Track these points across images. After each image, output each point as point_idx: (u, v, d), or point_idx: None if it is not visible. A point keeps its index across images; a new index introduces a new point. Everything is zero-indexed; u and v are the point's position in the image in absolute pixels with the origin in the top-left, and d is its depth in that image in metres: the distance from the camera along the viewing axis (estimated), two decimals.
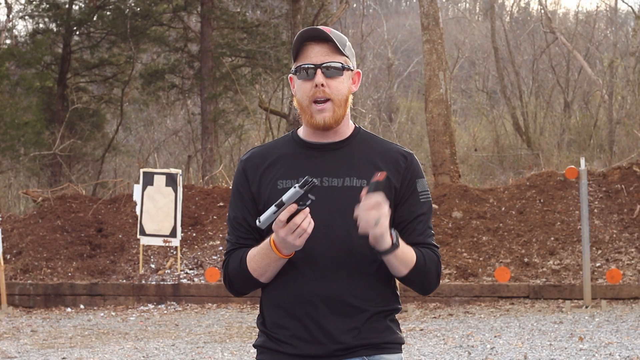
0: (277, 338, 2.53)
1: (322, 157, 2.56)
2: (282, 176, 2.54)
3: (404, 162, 2.56)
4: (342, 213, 2.47)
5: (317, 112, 2.51)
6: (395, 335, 2.56)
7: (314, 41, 2.52)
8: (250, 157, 2.63)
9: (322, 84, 2.49)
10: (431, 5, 14.33)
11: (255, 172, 2.59)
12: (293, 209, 2.33)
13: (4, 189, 20.85)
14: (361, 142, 2.59)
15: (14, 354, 8.48)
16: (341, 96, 2.52)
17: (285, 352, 2.51)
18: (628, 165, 13.31)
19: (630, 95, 21.35)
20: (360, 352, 2.49)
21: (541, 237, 12.16)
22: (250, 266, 2.52)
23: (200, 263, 12.59)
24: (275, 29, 21.35)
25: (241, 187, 2.62)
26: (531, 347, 8.00)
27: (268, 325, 2.56)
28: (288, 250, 2.42)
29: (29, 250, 12.97)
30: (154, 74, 22.28)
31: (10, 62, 21.18)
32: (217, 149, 21.18)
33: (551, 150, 19.61)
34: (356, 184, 2.51)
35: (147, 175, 12.58)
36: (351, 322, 2.48)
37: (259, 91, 21.15)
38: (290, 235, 2.35)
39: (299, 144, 2.60)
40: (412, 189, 2.56)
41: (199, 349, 8.48)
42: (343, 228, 2.47)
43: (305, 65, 2.51)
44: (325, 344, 2.48)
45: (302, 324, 2.49)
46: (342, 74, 2.52)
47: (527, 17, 31.61)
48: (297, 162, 2.56)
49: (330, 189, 2.51)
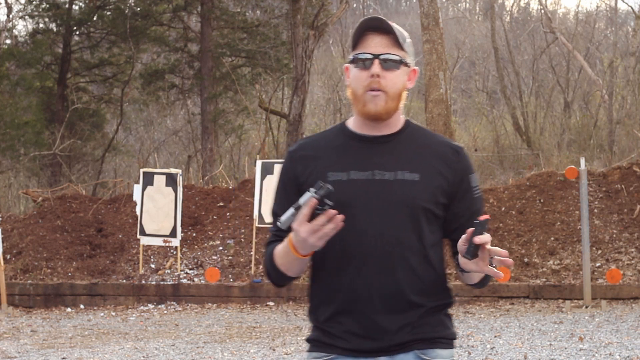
0: (331, 332, 2.50)
1: (372, 150, 2.51)
2: (332, 168, 2.50)
3: (455, 156, 2.53)
4: (395, 207, 2.44)
5: (370, 99, 2.46)
6: (448, 330, 2.54)
7: (375, 32, 2.48)
8: (299, 148, 2.58)
9: (377, 74, 2.45)
10: (431, 5, 14.33)
11: (304, 164, 2.54)
12: (313, 204, 2.28)
13: (4, 189, 20.85)
14: (411, 135, 2.55)
15: (14, 354, 8.48)
16: (395, 90, 2.48)
17: (339, 346, 2.49)
18: (628, 165, 13.30)
19: (630, 95, 21.35)
20: (413, 347, 2.47)
21: (541, 237, 12.16)
22: (277, 261, 2.50)
23: (200, 263, 12.59)
24: (275, 29, 21.37)
25: (287, 179, 2.57)
26: (531, 347, 8.00)
27: (321, 319, 2.53)
28: (306, 251, 2.38)
29: (29, 250, 12.97)
30: (154, 74, 22.29)
31: (10, 62, 21.19)
32: (217, 149, 21.18)
33: (551, 150, 19.59)
34: (408, 177, 2.46)
35: (147, 175, 12.58)
36: (406, 317, 2.46)
37: (259, 91, 21.15)
38: (312, 235, 2.31)
39: (349, 135, 2.55)
40: (466, 184, 2.53)
41: (199, 349, 8.48)
42: (394, 223, 2.45)
43: (363, 55, 2.47)
44: (379, 339, 2.46)
45: (355, 319, 2.47)
46: (399, 68, 2.47)
47: (527, 17, 31.62)
48: (348, 153, 2.51)
49: (382, 183, 2.46)
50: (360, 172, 2.48)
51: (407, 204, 2.43)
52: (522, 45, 26.37)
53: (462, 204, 2.52)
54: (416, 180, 2.46)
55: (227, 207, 13.72)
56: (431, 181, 2.48)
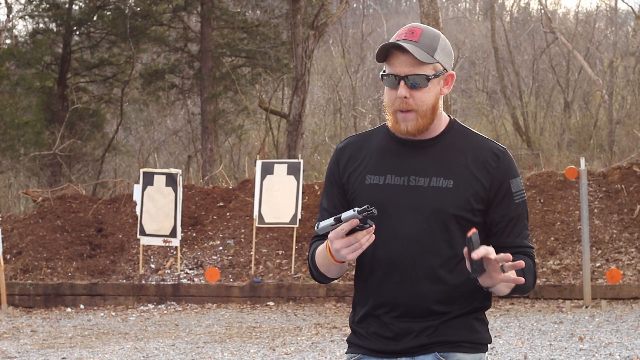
0: (360, 333, 2.57)
1: (411, 155, 2.51)
2: (371, 171, 2.52)
3: (495, 161, 2.50)
4: (426, 214, 2.45)
5: (401, 120, 2.47)
6: (476, 334, 2.53)
7: (399, 50, 2.44)
8: (345, 146, 2.62)
9: (405, 96, 2.43)
10: (431, 5, 14.33)
11: (347, 164, 2.58)
12: (355, 223, 2.31)
13: (4, 189, 20.85)
14: (452, 138, 2.53)
15: (14, 354, 8.48)
16: (427, 106, 2.46)
17: (365, 347, 2.55)
18: (628, 165, 13.30)
19: (630, 95, 21.35)
20: (434, 349, 2.48)
21: (541, 237, 12.16)
22: (317, 261, 2.55)
23: (200, 263, 12.59)
24: (275, 29, 21.35)
25: (332, 177, 2.62)
26: (531, 347, 8.00)
27: (355, 321, 2.60)
28: (340, 259, 2.42)
29: (29, 250, 12.96)
30: (154, 74, 22.28)
31: (10, 62, 21.18)
32: (217, 149, 21.18)
33: (551, 150, 19.59)
34: (442, 184, 2.46)
35: (147, 175, 12.58)
36: (428, 322, 2.49)
37: (259, 91, 21.14)
38: (345, 248, 2.34)
39: (392, 138, 2.55)
40: (505, 189, 2.50)
41: (199, 349, 8.48)
42: (425, 230, 2.45)
43: (390, 77, 2.46)
44: (401, 341, 2.49)
45: (382, 322, 2.51)
46: (427, 85, 2.45)
47: (527, 17, 31.60)
48: (387, 158, 2.53)
49: (416, 189, 2.47)
50: (396, 177, 2.50)
51: (438, 211, 2.44)
52: (522, 45, 26.35)
53: (500, 210, 2.51)
54: (450, 187, 2.46)
55: (227, 207, 13.72)
56: (466, 187, 2.47)
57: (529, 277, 2.51)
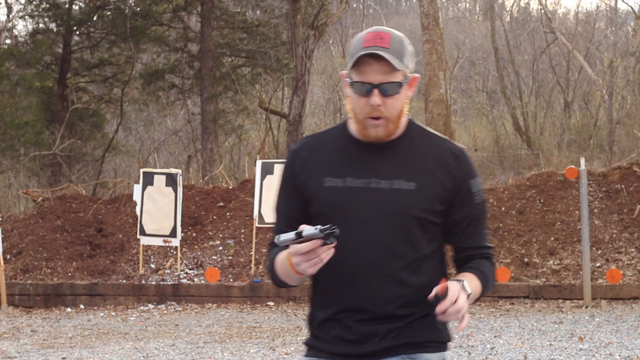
0: (321, 337, 2.53)
1: (372, 156, 2.47)
2: (329, 173, 2.48)
3: (456, 161, 2.48)
4: (388, 217, 2.42)
5: (371, 126, 2.43)
6: (439, 333, 2.52)
7: (372, 58, 2.37)
8: (300, 148, 2.56)
9: (378, 104, 2.39)
10: (431, 5, 14.33)
11: (303, 166, 2.52)
12: (317, 244, 2.25)
13: (4, 189, 20.85)
14: (412, 140, 2.50)
15: (14, 354, 8.48)
16: (396, 112, 2.42)
17: (327, 350, 2.52)
18: (628, 165, 13.30)
19: (630, 95, 21.35)
20: (400, 351, 2.47)
21: (541, 237, 12.16)
22: (277, 270, 2.50)
23: (200, 263, 12.59)
24: (275, 29, 21.36)
25: (287, 179, 2.56)
26: (531, 347, 8.00)
27: (315, 324, 2.56)
28: (301, 272, 2.37)
29: (29, 250, 12.97)
30: (154, 74, 22.29)
31: (10, 62, 21.19)
32: (217, 149, 21.19)
33: (551, 150, 19.59)
34: (405, 186, 2.43)
35: (147, 175, 12.58)
36: (392, 325, 2.47)
37: (259, 91, 21.15)
38: (306, 262, 2.29)
39: (350, 139, 2.51)
40: (465, 190, 2.49)
41: (199, 349, 8.48)
42: (388, 233, 2.43)
43: (362, 85, 2.39)
44: (365, 344, 2.47)
45: (344, 326, 2.48)
46: (399, 92, 2.40)
47: (527, 17, 31.62)
48: (346, 159, 2.48)
49: (377, 192, 2.44)
50: (356, 179, 2.46)
51: (401, 214, 2.41)
52: (522, 45, 26.36)
53: (461, 211, 2.49)
54: (412, 189, 2.43)
55: (227, 207, 13.72)
56: (428, 189, 2.45)
57: (490, 281, 2.52)
